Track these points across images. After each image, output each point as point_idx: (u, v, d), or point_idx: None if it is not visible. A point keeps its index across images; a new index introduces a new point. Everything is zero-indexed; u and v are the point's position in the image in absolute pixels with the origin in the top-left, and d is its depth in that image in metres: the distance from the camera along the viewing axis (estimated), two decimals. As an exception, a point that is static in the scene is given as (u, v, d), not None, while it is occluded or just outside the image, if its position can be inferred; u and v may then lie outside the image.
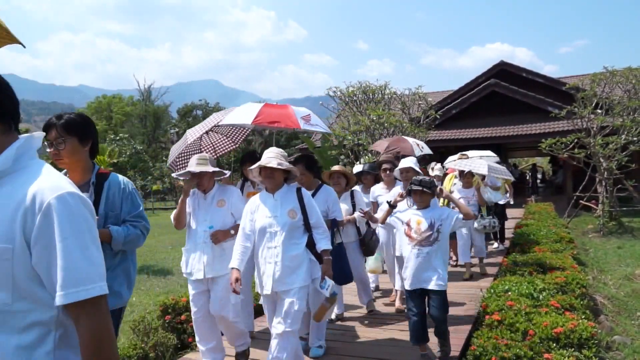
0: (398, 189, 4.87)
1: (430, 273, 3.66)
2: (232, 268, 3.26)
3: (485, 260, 7.55)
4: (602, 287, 7.37)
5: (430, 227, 3.71)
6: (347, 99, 15.48)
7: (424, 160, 8.63)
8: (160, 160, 35.36)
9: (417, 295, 3.74)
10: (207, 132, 5.29)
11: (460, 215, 3.79)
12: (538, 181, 26.25)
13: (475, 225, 6.79)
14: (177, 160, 5.21)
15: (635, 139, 12.36)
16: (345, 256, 4.36)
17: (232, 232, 3.59)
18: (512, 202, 12.02)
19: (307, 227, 3.41)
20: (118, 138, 31.52)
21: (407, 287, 3.80)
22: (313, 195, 3.95)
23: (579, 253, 9.15)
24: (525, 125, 17.76)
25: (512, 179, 7.13)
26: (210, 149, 5.60)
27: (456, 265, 7.44)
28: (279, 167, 3.24)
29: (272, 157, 3.31)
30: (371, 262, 5.55)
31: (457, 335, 4.36)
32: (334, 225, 4.18)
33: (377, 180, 5.85)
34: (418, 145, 7.37)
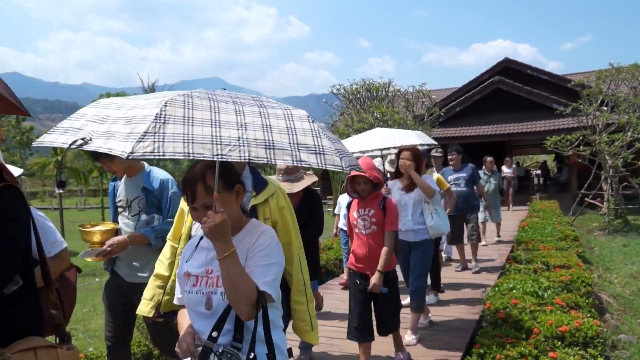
0: None
1: None
2: None
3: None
4: (607, 285, 7.33)
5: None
6: (350, 97, 15.47)
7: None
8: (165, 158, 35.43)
9: None
10: None
11: None
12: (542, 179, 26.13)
13: None
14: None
15: (641, 136, 12.28)
16: None
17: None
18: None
19: None
20: (122, 136, 31.67)
21: None
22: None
23: (584, 251, 9.09)
24: (529, 123, 17.66)
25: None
26: None
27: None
28: None
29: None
30: None
31: (462, 334, 4.34)
32: None
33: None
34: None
